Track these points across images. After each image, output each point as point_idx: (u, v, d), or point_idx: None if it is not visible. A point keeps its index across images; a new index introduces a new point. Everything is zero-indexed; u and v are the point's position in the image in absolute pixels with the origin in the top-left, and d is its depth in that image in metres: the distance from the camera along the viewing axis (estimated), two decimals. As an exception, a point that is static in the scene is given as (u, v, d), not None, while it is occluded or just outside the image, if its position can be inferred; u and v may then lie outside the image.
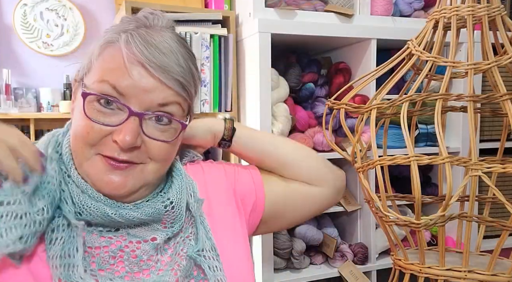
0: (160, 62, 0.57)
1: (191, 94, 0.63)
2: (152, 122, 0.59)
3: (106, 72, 0.58)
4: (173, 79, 0.58)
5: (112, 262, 0.59)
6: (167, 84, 0.58)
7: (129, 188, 0.59)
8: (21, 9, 2.10)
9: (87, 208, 0.58)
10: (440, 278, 0.90)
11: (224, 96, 1.59)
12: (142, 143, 0.59)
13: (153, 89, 0.57)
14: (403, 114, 0.88)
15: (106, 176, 0.58)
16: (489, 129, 1.83)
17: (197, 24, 1.53)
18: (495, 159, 1.00)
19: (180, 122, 0.61)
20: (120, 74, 0.57)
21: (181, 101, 0.61)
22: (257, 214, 0.78)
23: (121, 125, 0.57)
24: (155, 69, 0.57)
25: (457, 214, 0.96)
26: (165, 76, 0.57)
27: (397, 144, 1.64)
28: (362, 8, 1.62)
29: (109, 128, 0.57)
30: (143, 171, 0.60)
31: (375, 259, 1.64)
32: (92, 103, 0.57)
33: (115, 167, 0.58)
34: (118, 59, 0.57)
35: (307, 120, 1.57)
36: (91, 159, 0.58)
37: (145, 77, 0.57)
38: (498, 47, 0.96)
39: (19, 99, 1.98)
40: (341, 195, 0.89)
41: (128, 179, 0.59)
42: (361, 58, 1.64)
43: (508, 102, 0.84)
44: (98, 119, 0.57)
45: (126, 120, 0.57)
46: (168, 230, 0.64)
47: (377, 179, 0.90)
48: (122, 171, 0.58)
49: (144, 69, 0.57)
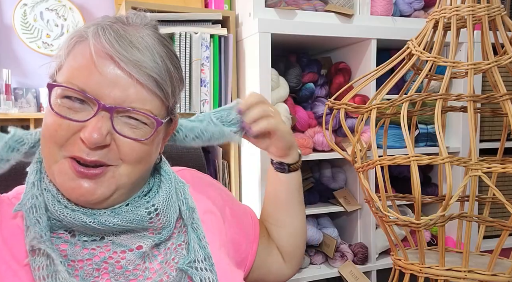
0: (131, 57, 0.52)
1: (167, 95, 0.57)
2: (124, 119, 0.54)
3: (74, 73, 0.53)
4: (146, 75, 0.53)
5: (96, 275, 0.56)
6: (139, 80, 0.53)
7: (98, 196, 0.55)
8: (21, 9, 2.10)
9: (64, 218, 0.55)
10: (440, 278, 0.90)
11: (224, 96, 1.59)
12: (112, 141, 0.54)
13: (124, 85, 0.53)
14: (403, 114, 0.88)
15: (73, 182, 0.54)
16: (489, 129, 1.83)
17: (197, 24, 1.53)
18: (495, 159, 1.00)
19: (155, 118, 0.55)
20: (88, 73, 0.52)
21: (155, 101, 0.56)
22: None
23: (89, 121, 0.52)
24: (126, 63, 0.52)
25: (457, 214, 0.96)
26: (137, 71, 0.53)
27: (397, 144, 1.64)
28: (362, 8, 1.62)
29: (77, 125, 0.52)
30: (114, 175, 0.55)
31: (375, 259, 1.64)
32: (60, 99, 0.53)
33: (83, 175, 0.53)
34: (86, 56, 0.53)
35: (307, 120, 1.57)
36: (59, 162, 0.54)
37: (115, 73, 0.52)
38: (498, 47, 0.96)
39: (19, 99, 1.98)
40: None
41: (97, 185, 0.54)
42: (361, 58, 1.64)
43: (508, 102, 0.84)
44: (66, 115, 0.53)
45: (94, 115, 0.52)
46: (155, 236, 0.60)
47: (377, 179, 0.90)
48: (90, 179, 0.54)
49: (113, 63, 0.52)
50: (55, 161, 0.54)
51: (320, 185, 1.73)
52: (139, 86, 0.54)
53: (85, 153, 0.53)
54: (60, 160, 0.54)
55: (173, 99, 0.59)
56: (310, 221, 1.63)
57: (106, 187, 0.55)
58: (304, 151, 1.52)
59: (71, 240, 0.57)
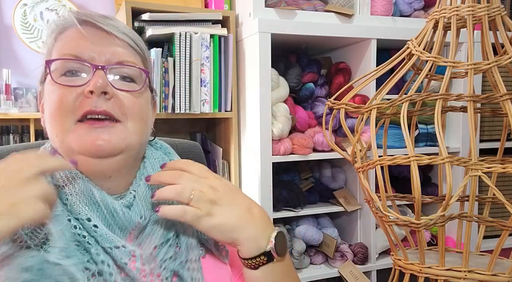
0: (109, 22, 0.61)
1: (144, 53, 0.65)
2: (118, 79, 0.60)
3: (65, 46, 0.60)
4: (123, 34, 0.61)
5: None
6: (118, 37, 0.61)
7: (114, 144, 0.58)
8: (21, 9, 2.10)
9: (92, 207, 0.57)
10: (440, 278, 0.90)
11: (224, 96, 1.59)
12: (113, 96, 0.59)
13: (108, 43, 0.60)
14: (403, 114, 0.88)
15: (89, 135, 0.57)
16: (489, 129, 1.83)
17: (197, 24, 1.53)
18: (495, 159, 1.00)
19: (142, 69, 0.62)
20: (77, 42, 0.59)
21: (137, 56, 0.63)
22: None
23: (90, 80, 0.58)
24: (106, 25, 0.60)
25: (457, 214, 0.96)
26: (116, 30, 0.60)
27: (397, 144, 1.64)
28: (362, 8, 1.62)
29: (80, 89, 0.58)
30: (124, 130, 0.59)
31: (375, 259, 1.64)
32: (59, 78, 0.59)
33: (96, 124, 0.57)
34: (71, 33, 0.61)
35: (307, 120, 1.57)
36: (72, 128, 0.58)
37: (98, 34, 0.60)
38: (498, 47, 0.96)
39: (19, 99, 1.98)
40: None
41: (111, 135, 0.58)
42: (361, 58, 1.64)
43: (508, 102, 0.84)
44: (68, 84, 0.58)
45: (93, 75, 0.58)
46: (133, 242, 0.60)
47: (377, 179, 0.90)
48: (104, 128, 0.58)
49: (95, 27, 0.60)
50: (68, 129, 0.58)
51: (320, 185, 1.73)
52: (120, 42, 0.61)
53: (93, 105, 0.57)
54: (71, 127, 0.58)
55: (149, 65, 0.66)
56: (310, 221, 1.63)
57: (119, 137, 0.58)
58: (304, 151, 1.52)
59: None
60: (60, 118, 0.58)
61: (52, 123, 0.60)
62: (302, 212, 1.56)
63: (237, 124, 1.63)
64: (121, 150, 0.59)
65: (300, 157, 1.53)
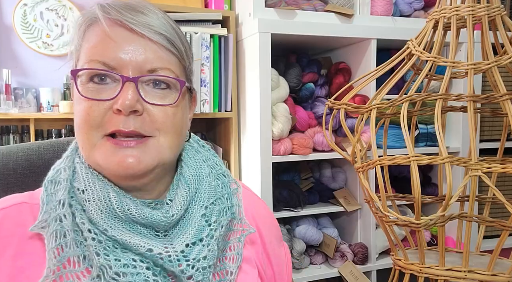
0: (140, 19, 0.55)
1: (181, 52, 0.59)
2: (150, 88, 0.56)
3: (92, 51, 0.55)
4: (157, 34, 0.56)
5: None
6: (151, 39, 0.55)
7: (145, 164, 0.55)
8: (21, 9, 2.10)
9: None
10: (440, 278, 0.90)
11: (224, 96, 1.59)
12: (144, 111, 0.55)
13: (139, 47, 0.55)
14: (403, 114, 0.88)
15: (116, 156, 0.54)
16: (489, 129, 1.83)
17: (197, 24, 1.53)
18: (495, 159, 1.00)
19: (177, 79, 0.57)
20: (104, 46, 0.55)
21: (172, 58, 0.58)
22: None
23: (119, 94, 0.54)
24: (136, 25, 0.55)
25: (457, 214, 0.96)
26: (148, 31, 0.55)
27: (397, 144, 1.64)
28: (362, 8, 1.62)
29: (108, 103, 0.54)
30: (156, 146, 0.56)
31: (375, 259, 1.64)
32: (86, 85, 0.55)
33: (124, 145, 0.54)
34: (99, 33, 0.56)
35: (307, 120, 1.57)
36: (97, 144, 0.55)
37: (128, 36, 0.55)
38: (498, 47, 0.96)
39: (19, 99, 1.98)
40: None
41: (141, 154, 0.55)
42: (361, 58, 1.64)
43: (508, 102, 0.84)
44: (95, 97, 0.54)
45: (122, 88, 0.54)
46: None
47: (377, 179, 0.90)
48: (133, 148, 0.54)
49: (125, 28, 0.55)
50: (94, 144, 0.55)
51: (320, 185, 1.73)
52: (154, 45, 0.56)
53: (121, 124, 0.54)
54: (98, 141, 0.55)
55: (188, 60, 0.61)
56: (310, 221, 1.63)
57: (150, 154, 0.55)
58: (304, 151, 1.52)
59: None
60: (86, 132, 0.55)
61: (78, 135, 0.57)
62: (302, 212, 1.56)
63: (237, 124, 1.64)
64: (153, 168, 0.56)
65: (300, 157, 1.53)
